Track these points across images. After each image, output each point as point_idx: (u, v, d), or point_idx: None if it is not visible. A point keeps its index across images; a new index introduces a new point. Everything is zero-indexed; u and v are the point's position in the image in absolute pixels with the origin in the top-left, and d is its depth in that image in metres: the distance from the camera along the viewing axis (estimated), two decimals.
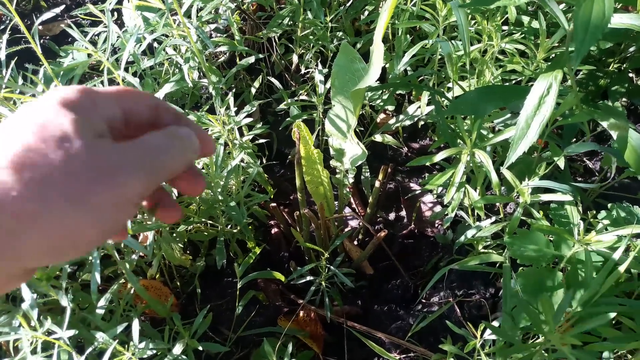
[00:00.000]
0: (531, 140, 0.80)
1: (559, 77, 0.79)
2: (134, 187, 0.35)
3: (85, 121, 0.35)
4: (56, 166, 0.32)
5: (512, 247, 0.94)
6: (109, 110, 0.38)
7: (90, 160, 0.33)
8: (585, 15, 0.63)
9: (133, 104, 0.40)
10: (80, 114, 0.35)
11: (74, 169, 0.33)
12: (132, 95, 0.40)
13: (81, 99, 0.36)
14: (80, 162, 0.33)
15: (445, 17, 1.09)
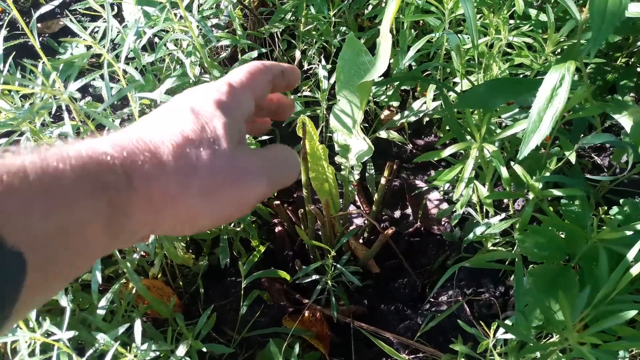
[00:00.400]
0: (544, 133, 0.78)
1: (572, 69, 0.76)
2: (256, 192, 0.41)
3: (233, 126, 0.41)
4: (203, 163, 0.38)
5: (523, 244, 0.91)
6: (248, 107, 0.44)
7: (229, 163, 0.39)
8: (602, 3, 0.61)
9: (260, 90, 0.46)
10: (229, 116, 0.41)
11: (215, 169, 0.39)
12: (260, 81, 0.46)
13: (231, 100, 0.42)
14: (221, 164, 0.39)
15: (451, 10, 1.07)
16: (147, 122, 0.40)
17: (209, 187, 0.38)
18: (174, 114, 0.40)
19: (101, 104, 1.03)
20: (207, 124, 0.40)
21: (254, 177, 0.41)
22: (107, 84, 0.65)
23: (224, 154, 0.39)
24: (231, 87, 0.43)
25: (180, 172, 0.37)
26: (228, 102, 0.42)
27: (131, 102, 0.79)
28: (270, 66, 0.48)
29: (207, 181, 0.38)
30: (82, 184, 0.33)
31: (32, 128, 0.68)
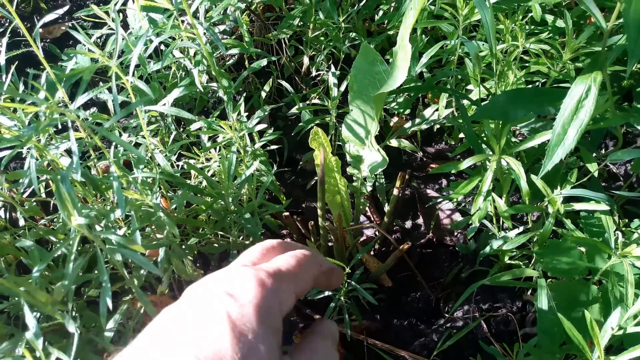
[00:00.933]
0: (569, 147, 0.75)
1: (599, 79, 0.73)
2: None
3: (275, 344, 0.36)
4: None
5: (543, 259, 0.88)
6: (288, 306, 0.39)
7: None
8: (638, 13, 0.58)
9: (303, 287, 0.41)
10: (272, 328, 0.36)
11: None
12: (305, 274, 0.42)
13: (273, 304, 0.37)
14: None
15: (465, 16, 1.04)
16: (176, 336, 0.34)
17: None
18: (207, 329, 0.34)
19: (106, 114, 1.00)
20: (251, 350, 0.34)
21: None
22: (115, 98, 0.62)
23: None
24: (274, 283, 0.38)
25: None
26: (270, 308, 0.36)
27: (139, 114, 0.76)
28: (318, 258, 0.44)
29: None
30: None
31: (36, 145, 0.65)
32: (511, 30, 1.02)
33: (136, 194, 0.70)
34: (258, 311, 0.35)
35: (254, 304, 0.36)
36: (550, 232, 0.89)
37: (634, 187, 1.19)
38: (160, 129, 1.08)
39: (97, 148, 0.87)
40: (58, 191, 0.57)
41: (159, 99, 1.03)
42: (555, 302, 0.86)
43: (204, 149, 0.95)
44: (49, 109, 0.54)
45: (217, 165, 1.00)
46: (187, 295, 0.39)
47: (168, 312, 0.38)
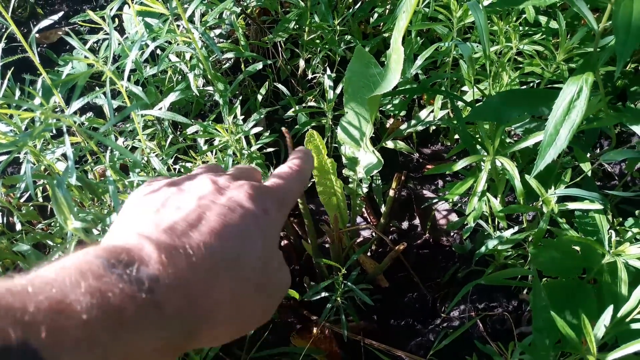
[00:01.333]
0: (560, 147, 0.76)
1: (590, 81, 0.74)
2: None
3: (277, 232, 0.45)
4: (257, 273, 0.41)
5: (537, 259, 0.89)
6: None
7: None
8: (626, 16, 0.59)
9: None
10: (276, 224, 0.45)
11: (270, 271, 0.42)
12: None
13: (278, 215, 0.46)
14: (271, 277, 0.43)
15: (459, 18, 1.05)
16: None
17: (263, 285, 0.41)
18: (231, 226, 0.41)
19: (103, 118, 1.01)
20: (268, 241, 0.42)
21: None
22: (109, 103, 0.62)
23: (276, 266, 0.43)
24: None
25: (238, 281, 0.39)
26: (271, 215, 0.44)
27: (134, 119, 0.76)
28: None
29: (261, 282, 0.41)
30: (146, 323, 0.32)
31: (32, 150, 0.66)
32: (505, 31, 1.03)
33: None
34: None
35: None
36: (544, 232, 0.90)
37: (628, 186, 1.19)
38: (157, 133, 1.09)
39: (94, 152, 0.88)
40: (54, 196, 0.58)
41: (156, 103, 1.04)
42: (550, 301, 0.87)
43: (200, 153, 0.96)
44: (44, 115, 0.54)
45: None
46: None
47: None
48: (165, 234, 0.37)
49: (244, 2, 1.20)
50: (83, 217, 0.76)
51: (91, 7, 1.66)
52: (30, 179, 0.64)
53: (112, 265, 0.32)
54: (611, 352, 0.68)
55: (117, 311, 0.30)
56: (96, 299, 0.30)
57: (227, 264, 0.38)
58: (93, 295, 0.30)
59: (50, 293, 0.29)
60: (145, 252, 0.35)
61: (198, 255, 0.36)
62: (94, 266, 0.32)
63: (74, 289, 0.30)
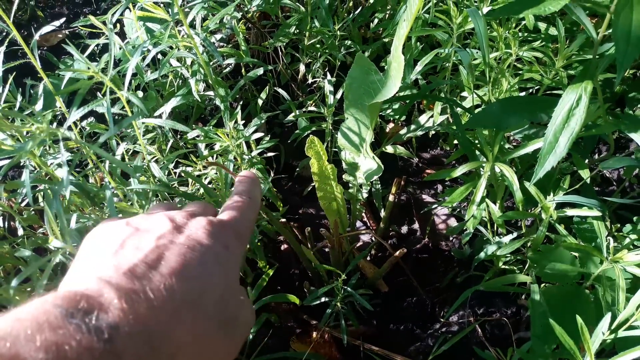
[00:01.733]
0: (560, 155, 0.76)
1: (589, 89, 0.75)
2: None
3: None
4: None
5: (536, 265, 0.90)
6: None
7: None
8: (626, 25, 0.59)
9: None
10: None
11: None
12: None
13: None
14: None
15: (459, 24, 1.05)
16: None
17: (226, 321, 0.42)
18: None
19: (103, 122, 1.01)
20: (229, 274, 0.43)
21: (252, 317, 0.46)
22: (109, 112, 0.63)
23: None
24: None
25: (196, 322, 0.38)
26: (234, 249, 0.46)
27: (135, 126, 0.77)
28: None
29: (222, 319, 0.41)
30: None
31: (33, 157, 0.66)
32: (504, 38, 1.03)
33: (130, 206, 0.71)
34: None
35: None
36: (543, 238, 0.90)
37: (626, 192, 1.20)
38: (158, 137, 1.09)
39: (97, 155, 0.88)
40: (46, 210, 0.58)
41: (157, 108, 1.04)
42: (548, 307, 0.87)
43: (201, 158, 0.96)
44: (39, 130, 0.55)
45: (214, 172, 1.01)
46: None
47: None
48: (125, 277, 0.37)
49: (244, 6, 1.20)
50: (83, 223, 0.76)
51: (91, 10, 1.66)
52: (29, 186, 0.64)
53: (71, 314, 0.32)
54: (609, 359, 0.69)
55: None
56: (52, 353, 0.29)
57: (189, 304, 0.37)
58: (48, 350, 0.29)
59: (4, 349, 0.28)
60: (105, 298, 0.34)
61: (159, 298, 0.36)
62: (52, 316, 0.31)
63: (28, 344, 0.29)
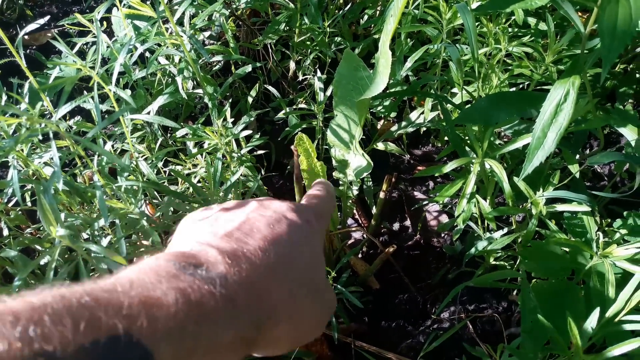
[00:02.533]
0: (548, 150, 0.76)
1: (577, 84, 0.74)
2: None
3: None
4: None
5: (527, 260, 0.90)
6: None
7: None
8: (611, 20, 0.59)
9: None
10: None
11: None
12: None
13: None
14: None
15: (449, 20, 1.05)
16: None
17: (319, 293, 0.45)
18: (264, 228, 0.44)
19: (91, 121, 1.00)
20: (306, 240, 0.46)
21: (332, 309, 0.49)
22: (97, 108, 0.62)
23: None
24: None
25: (291, 288, 0.42)
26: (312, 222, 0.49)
27: (122, 123, 0.76)
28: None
29: (315, 287, 0.45)
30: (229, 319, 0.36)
31: (20, 155, 0.65)
32: (494, 33, 1.03)
33: (120, 203, 0.71)
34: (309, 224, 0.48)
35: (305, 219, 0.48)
36: (533, 233, 0.90)
37: (617, 187, 1.20)
38: (147, 135, 1.09)
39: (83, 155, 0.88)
40: (40, 203, 0.58)
41: (145, 106, 1.04)
42: (538, 302, 0.87)
43: (190, 156, 0.96)
44: (30, 121, 0.54)
45: (203, 171, 1.01)
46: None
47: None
48: (223, 240, 0.41)
49: (233, 3, 1.19)
50: (71, 222, 0.76)
51: (80, 9, 1.65)
52: (17, 185, 0.63)
53: (184, 267, 0.36)
54: (599, 353, 0.69)
55: (198, 305, 0.34)
56: (179, 295, 0.33)
57: (282, 265, 0.42)
58: (175, 292, 0.33)
59: (138, 290, 0.32)
60: (209, 256, 0.39)
61: (257, 257, 0.40)
62: (169, 268, 0.35)
63: (157, 286, 0.33)
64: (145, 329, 0.30)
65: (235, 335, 0.36)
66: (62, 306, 0.28)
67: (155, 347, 0.30)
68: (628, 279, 0.85)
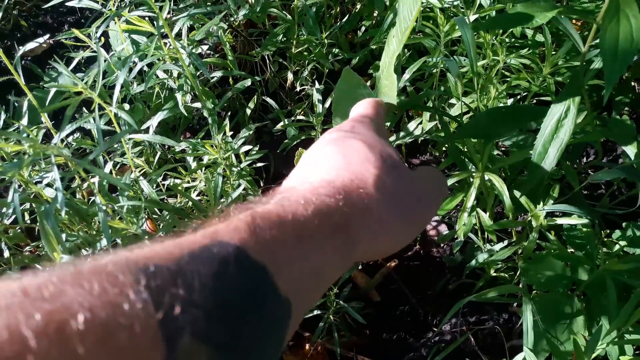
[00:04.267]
0: (550, 165, 0.77)
1: (577, 100, 0.75)
2: (433, 212, 0.48)
3: (396, 150, 0.47)
4: (398, 189, 0.43)
5: (527, 273, 0.90)
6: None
7: (414, 187, 0.45)
8: (612, 40, 0.59)
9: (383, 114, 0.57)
10: (387, 139, 0.49)
11: (405, 193, 0.43)
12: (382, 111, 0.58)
13: (382, 130, 0.51)
14: (408, 188, 0.44)
15: (447, 32, 1.05)
16: (332, 160, 0.43)
17: (406, 210, 0.43)
18: (350, 151, 0.44)
19: (90, 137, 1.00)
20: (382, 152, 0.44)
21: (434, 198, 0.47)
22: (99, 129, 0.62)
23: (407, 177, 0.45)
24: (372, 120, 0.51)
25: (385, 201, 0.41)
26: (380, 130, 0.49)
27: (123, 142, 0.76)
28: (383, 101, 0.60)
29: (404, 205, 0.43)
30: (324, 230, 0.36)
31: (20, 177, 0.65)
32: (492, 45, 1.03)
33: (122, 223, 0.70)
34: (376, 133, 0.48)
35: (370, 130, 0.48)
36: (534, 246, 0.90)
37: (615, 195, 1.20)
38: (145, 149, 1.08)
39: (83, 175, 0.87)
40: (42, 227, 0.57)
41: (144, 120, 1.03)
42: (540, 315, 0.87)
43: (190, 172, 0.95)
44: (32, 148, 0.54)
45: (203, 184, 1.00)
46: (314, 146, 0.50)
47: (306, 157, 0.49)
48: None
49: (231, 16, 1.19)
50: (72, 242, 0.75)
51: (75, 19, 1.64)
52: (18, 208, 0.63)
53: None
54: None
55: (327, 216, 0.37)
56: (315, 209, 0.36)
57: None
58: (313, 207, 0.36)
59: (282, 211, 0.35)
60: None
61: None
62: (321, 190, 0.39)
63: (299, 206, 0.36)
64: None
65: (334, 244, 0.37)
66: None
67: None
68: (629, 291, 0.86)
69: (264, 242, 0.32)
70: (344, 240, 0.37)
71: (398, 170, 0.44)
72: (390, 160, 0.44)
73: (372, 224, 0.40)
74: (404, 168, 0.45)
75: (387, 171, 0.43)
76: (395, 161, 0.45)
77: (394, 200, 0.42)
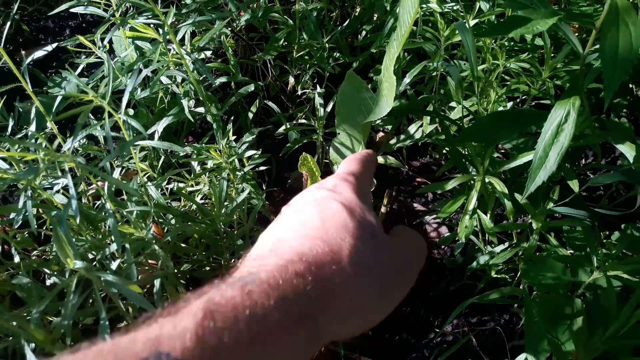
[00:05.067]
0: (550, 169, 0.78)
1: (577, 104, 0.76)
2: (411, 284, 0.46)
3: (375, 215, 0.44)
4: (375, 263, 0.40)
5: (528, 275, 0.91)
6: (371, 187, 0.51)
7: (393, 259, 0.43)
8: (612, 47, 0.61)
9: (371, 176, 0.53)
10: (370, 205, 0.44)
11: (384, 267, 0.41)
12: (371, 168, 0.53)
13: (364, 192, 0.47)
14: (387, 262, 0.41)
15: (447, 37, 1.07)
16: (308, 226, 0.41)
17: (381, 289, 0.41)
18: (329, 215, 0.42)
19: (97, 145, 1.01)
20: (361, 219, 0.42)
21: (411, 271, 0.45)
22: (109, 137, 0.63)
23: (384, 247, 0.42)
24: (357, 180, 0.48)
25: (359, 277, 0.39)
26: (364, 193, 0.46)
27: (132, 152, 0.77)
28: (375, 155, 0.56)
29: (379, 282, 0.40)
30: (287, 320, 0.34)
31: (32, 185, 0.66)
32: (491, 49, 1.05)
33: (130, 228, 0.71)
34: (357, 196, 0.45)
35: (352, 191, 0.45)
36: (535, 248, 0.92)
37: (614, 197, 1.22)
38: (149, 154, 1.09)
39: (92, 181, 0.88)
40: (55, 234, 0.58)
41: (148, 125, 1.04)
42: (541, 316, 0.89)
43: (194, 176, 0.96)
44: (47, 157, 0.55)
45: (207, 188, 1.02)
46: (293, 204, 0.48)
47: (284, 215, 0.46)
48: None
49: (233, 21, 1.20)
50: (81, 247, 0.76)
51: (77, 24, 1.65)
52: (31, 215, 0.64)
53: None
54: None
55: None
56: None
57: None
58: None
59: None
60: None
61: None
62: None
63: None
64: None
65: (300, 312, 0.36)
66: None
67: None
68: (629, 291, 0.87)
69: (209, 350, 0.30)
70: (309, 327, 0.36)
71: (376, 239, 0.42)
72: (369, 227, 0.42)
73: (343, 306, 0.38)
74: (383, 237, 0.43)
75: (365, 240, 0.41)
76: (374, 229, 0.43)
77: (368, 277, 0.40)
